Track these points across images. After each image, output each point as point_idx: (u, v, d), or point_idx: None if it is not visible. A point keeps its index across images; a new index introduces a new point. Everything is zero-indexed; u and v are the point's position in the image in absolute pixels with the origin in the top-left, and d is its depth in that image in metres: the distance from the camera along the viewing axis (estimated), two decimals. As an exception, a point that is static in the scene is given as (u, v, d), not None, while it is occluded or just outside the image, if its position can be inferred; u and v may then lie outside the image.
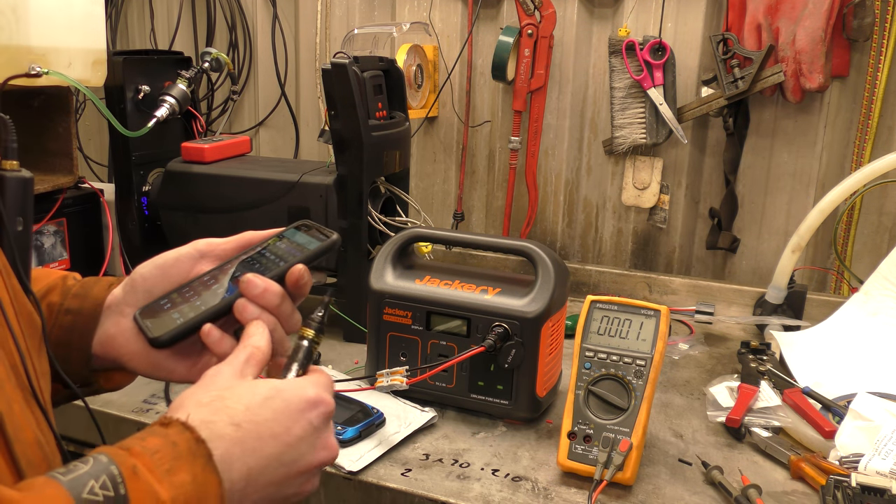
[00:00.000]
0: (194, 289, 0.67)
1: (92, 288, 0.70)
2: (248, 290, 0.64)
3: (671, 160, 1.68)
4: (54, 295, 0.69)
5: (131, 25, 2.19)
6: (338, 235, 0.70)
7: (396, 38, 1.77)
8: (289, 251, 0.68)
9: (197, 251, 0.70)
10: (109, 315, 0.69)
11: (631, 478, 0.89)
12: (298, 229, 0.72)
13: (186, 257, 0.70)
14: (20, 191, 0.61)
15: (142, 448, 0.50)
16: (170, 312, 0.65)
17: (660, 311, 0.95)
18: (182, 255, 0.70)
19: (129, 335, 0.67)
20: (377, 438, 0.98)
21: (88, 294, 0.69)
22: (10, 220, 0.60)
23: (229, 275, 0.67)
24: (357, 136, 1.25)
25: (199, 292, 0.66)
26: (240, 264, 0.68)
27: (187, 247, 0.71)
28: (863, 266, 1.52)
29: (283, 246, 0.69)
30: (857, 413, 0.96)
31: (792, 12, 1.49)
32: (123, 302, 0.69)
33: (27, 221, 0.62)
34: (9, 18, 1.16)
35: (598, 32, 1.70)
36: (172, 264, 0.69)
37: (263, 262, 0.68)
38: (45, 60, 1.20)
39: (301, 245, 0.69)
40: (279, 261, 0.67)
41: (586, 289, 1.64)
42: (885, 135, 1.52)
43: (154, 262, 0.69)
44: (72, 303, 0.69)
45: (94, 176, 2.13)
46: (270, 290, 0.64)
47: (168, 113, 1.44)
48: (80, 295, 0.69)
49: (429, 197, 1.91)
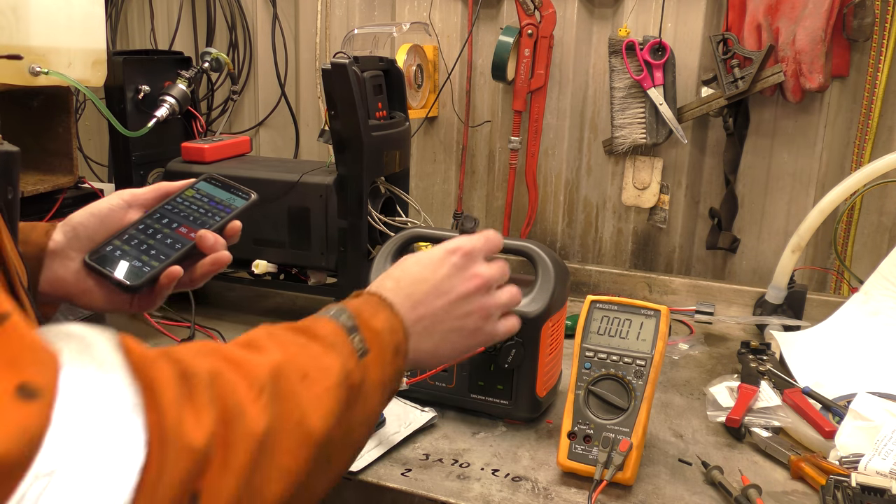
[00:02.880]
0: (137, 237, 0.79)
1: (30, 234, 0.79)
2: (202, 242, 0.80)
3: (671, 160, 1.68)
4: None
5: (131, 25, 2.19)
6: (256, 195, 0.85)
7: (396, 38, 1.77)
8: (215, 206, 0.83)
9: (124, 201, 0.82)
10: (55, 259, 0.79)
11: (631, 478, 0.89)
12: (210, 182, 0.86)
13: (117, 207, 0.81)
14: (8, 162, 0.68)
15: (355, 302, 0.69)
16: (130, 260, 0.77)
17: (660, 311, 0.95)
18: (114, 205, 0.81)
19: (80, 276, 0.78)
20: (377, 438, 0.98)
21: (29, 240, 0.78)
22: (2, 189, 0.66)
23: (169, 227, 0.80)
24: (357, 136, 1.25)
25: (147, 241, 0.79)
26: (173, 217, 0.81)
27: (113, 197, 0.82)
28: (863, 266, 1.52)
29: (205, 199, 0.84)
30: (857, 413, 0.96)
31: (792, 12, 1.49)
32: (68, 247, 0.79)
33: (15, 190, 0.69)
34: (9, 18, 1.16)
35: (598, 32, 1.70)
36: (107, 214, 0.81)
37: (196, 214, 0.82)
38: (45, 60, 1.20)
39: (225, 201, 0.84)
40: (213, 215, 0.82)
41: (586, 289, 1.64)
42: (885, 135, 1.52)
43: (90, 212, 0.81)
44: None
45: (94, 176, 2.12)
46: (219, 241, 0.81)
47: (168, 113, 1.44)
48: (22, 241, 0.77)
49: (429, 197, 1.91)
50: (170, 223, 0.81)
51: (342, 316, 0.66)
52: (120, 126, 1.34)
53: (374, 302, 0.70)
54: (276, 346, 0.58)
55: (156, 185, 0.85)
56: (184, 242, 0.79)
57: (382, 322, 0.68)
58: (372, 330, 0.66)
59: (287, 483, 0.52)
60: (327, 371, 0.59)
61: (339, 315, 0.66)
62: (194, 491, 0.45)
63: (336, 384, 0.59)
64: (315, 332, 0.62)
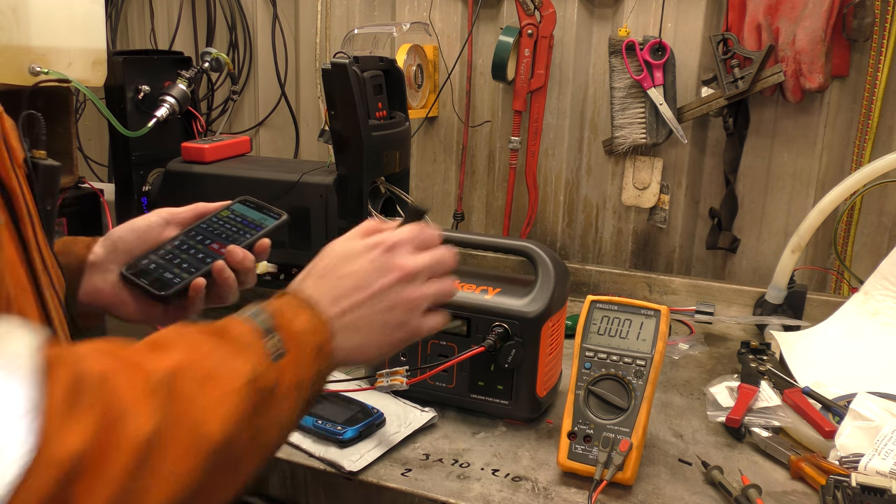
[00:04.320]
0: (172, 252, 0.84)
1: (72, 247, 0.84)
2: (231, 257, 0.83)
3: (671, 160, 1.68)
4: None
5: (131, 25, 2.19)
6: (287, 215, 0.89)
7: (396, 38, 1.77)
8: (247, 224, 0.87)
9: (162, 219, 0.87)
10: (95, 271, 0.83)
11: (631, 478, 0.89)
12: (244, 204, 0.91)
13: (156, 224, 0.86)
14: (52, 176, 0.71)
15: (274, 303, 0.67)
16: (163, 273, 0.81)
17: (660, 311, 0.95)
18: (152, 222, 0.86)
19: (117, 288, 0.83)
20: (377, 438, 0.98)
21: (70, 252, 0.83)
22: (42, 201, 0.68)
23: (202, 244, 0.85)
24: (357, 136, 1.25)
25: (180, 256, 0.83)
26: (206, 235, 0.86)
27: (153, 215, 0.87)
28: (863, 266, 1.52)
29: (238, 219, 0.88)
30: (857, 413, 0.96)
31: (792, 12, 1.49)
32: (107, 260, 0.83)
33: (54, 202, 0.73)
34: (9, 18, 1.16)
35: (598, 32, 1.70)
36: (146, 230, 0.85)
37: (228, 232, 0.86)
38: (45, 60, 1.20)
39: (256, 221, 0.88)
40: (244, 233, 0.86)
41: (586, 289, 1.64)
42: (885, 135, 1.51)
43: (130, 228, 0.85)
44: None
45: (94, 176, 2.13)
46: (248, 257, 0.84)
47: (168, 113, 1.44)
48: (64, 252, 0.82)
49: (429, 197, 1.91)
50: (203, 240, 0.85)
51: (260, 317, 0.64)
52: (120, 126, 1.34)
53: (295, 303, 0.69)
54: (182, 347, 0.58)
55: (194, 206, 0.89)
56: (214, 257, 0.83)
57: (304, 323, 0.66)
58: (291, 331, 0.65)
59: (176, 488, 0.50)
60: (234, 373, 0.58)
61: (257, 316, 0.65)
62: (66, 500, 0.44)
63: (241, 387, 0.57)
64: (228, 333, 0.61)
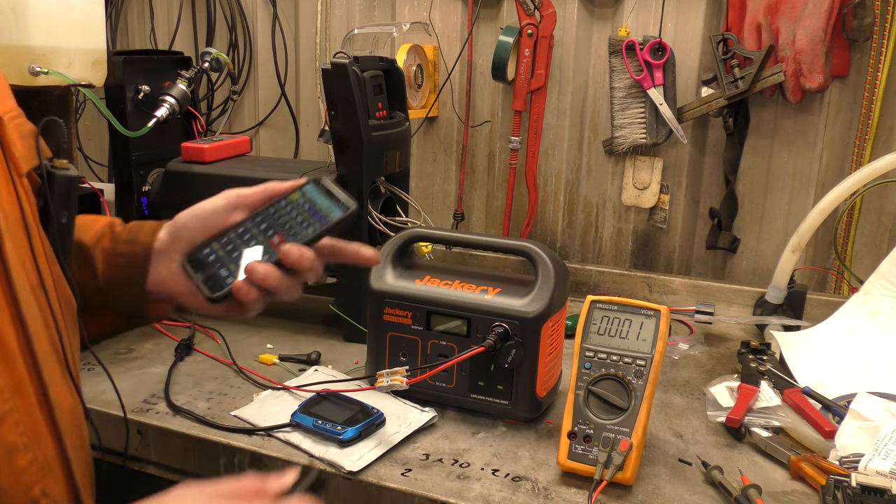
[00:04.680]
0: (233, 242, 0.78)
1: (138, 234, 0.81)
2: (286, 258, 0.75)
3: (671, 160, 1.68)
4: (106, 241, 0.81)
5: (131, 25, 2.19)
6: (356, 205, 0.77)
7: (396, 38, 1.77)
8: (313, 214, 0.78)
9: (229, 203, 0.80)
10: (160, 259, 0.80)
11: (631, 478, 0.89)
12: (316, 186, 0.80)
13: (222, 209, 0.80)
14: (67, 187, 0.68)
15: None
16: (218, 269, 0.76)
17: (660, 311, 0.95)
18: (218, 206, 0.80)
19: (180, 277, 0.79)
20: (377, 438, 0.98)
21: (136, 240, 0.80)
22: (56, 212, 0.66)
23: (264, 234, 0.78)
24: (357, 136, 1.25)
25: (239, 248, 0.77)
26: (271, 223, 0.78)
27: (219, 198, 0.80)
28: (863, 266, 1.52)
29: (306, 206, 0.79)
30: (857, 413, 0.96)
31: (792, 12, 1.49)
32: (171, 248, 0.80)
33: (71, 214, 0.69)
34: (9, 18, 1.16)
35: (598, 32, 1.70)
36: (210, 215, 0.80)
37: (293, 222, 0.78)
38: (45, 60, 1.20)
39: (323, 211, 0.78)
40: (307, 225, 0.77)
41: (586, 289, 1.64)
42: (885, 135, 1.52)
43: (194, 213, 0.80)
44: (123, 248, 0.80)
45: (94, 176, 2.13)
46: (305, 255, 0.75)
47: (168, 113, 1.44)
48: (130, 241, 0.80)
49: (429, 197, 1.91)
50: (266, 230, 0.78)
51: None
52: (120, 126, 1.34)
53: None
54: None
55: (264, 186, 0.81)
56: (271, 254, 0.76)
57: None
58: None
59: None
60: None
61: None
62: None
63: None
64: None
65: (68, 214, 0.68)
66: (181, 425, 1.03)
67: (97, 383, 1.07)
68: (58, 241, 0.67)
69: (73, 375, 0.69)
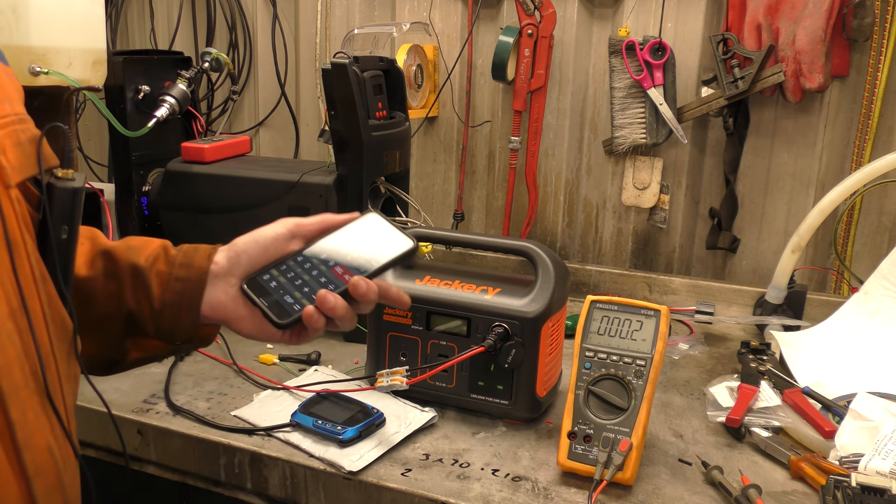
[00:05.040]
0: (293, 270, 0.78)
1: (194, 258, 0.80)
2: (355, 290, 0.76)
3: (671, 160, 1.68)
4: (161, 264, 0.79)
5: (131, 25, 2.19)
6: (416, 242, 0.81)
7: (396, 38, 1.77)
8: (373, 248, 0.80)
9: (288, 230, 0.81)
10: (216, 283, 0.78)
11: (631, 478, 0.89)
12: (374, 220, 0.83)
13: (282, 237, 0.80)
14: (69, 200, 0.62)
15: None
16: (283, 296, 0.76)
17: (660, 311, 0.95)
18: (278, 235, 0.80)
19: (238, 302, 0.78)
20: (377, 438, 0.99)
21: (193, 263, 0.79)
22: (55, 228, 0.61)
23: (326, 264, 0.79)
24: (357, 136, 1.25)
25: (301, 276, 0.78)
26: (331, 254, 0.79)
27: (278, 225, 0.81)
28: (863, 266, 1.52)
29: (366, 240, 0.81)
30: (857, 413, 0.96)
31: (792, 12, 1.49)
32: (229, 273, 0.79)
33: (72, 229, 0.64)
34: (9, 18, 1.16)
35: (598, 32, 1.70)
36: (271, 242, 0.80)
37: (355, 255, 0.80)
38: (45, 60, 1.20)
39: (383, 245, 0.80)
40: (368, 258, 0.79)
41: (586, 289, 1.64)
42: (885, 135, 1.52)
43: (254, 239, 0.80)
44: (179, 271, 0.78)
45: (94, 176, 2.13)
46: (371, 289, 0.77)
47: (168, 113, 1.44)
48: (186, 264, 0.79)
49: (429, 197, 1.91)
50: (327, 260, 0.79)
51: None
52: (120, 126, 1.34)
53: None
54: None
55: (321, 217, 0.82)
56: (337, 284, 0.77)
57: None
58: None
59: None
60: None
61: None
62: None
63: None
64: None
65: (69, 229, 0.63)
66: (181, 425, 1.03)
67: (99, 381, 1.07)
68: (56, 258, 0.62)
69: (56, 409, 0.61)
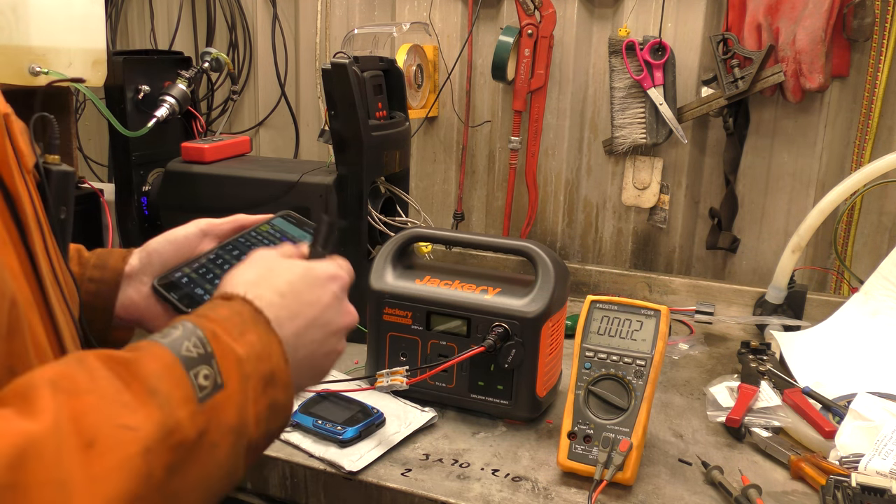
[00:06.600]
0: (205, 266, 0.80)
1: (108, 259, 0.81)
2: None
3: (671, 160, 1.68)
4: (73, 265, 0.79)
5: (131, 25, 2.19)
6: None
7: (396, 38, 1.77)
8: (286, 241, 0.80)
9: (200, 230, 0.82)
10: (130, 283, 0.80)
11: (631, 478, 0.89)
12: (286, 219, 0.85)
13: (194, 236, 0.82)
14: (64, 182, 0.67)
15: (216, 315, 0.58)
16: (193, 288, 0.77)
17: (660, 311, 0.95)
18: (190, 233, 0.82)
19: (150, 301, 0.79)
20: (377, 438, 0.99)
21: (107, 265, 0.80)
22: (55, 208, 0.65)
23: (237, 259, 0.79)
24: (357, 136, 1.25)
25: (213, 270, 0.79)
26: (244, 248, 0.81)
27: (191, 226, 0.82)
28: (863, 266, 1.52)
29: (277, 235, 0.83)
30: (857, 413, 0.96)
31: (792, 12, 1.49)
32: (142, 272, 0.80)
33: (69, 210, 0.68)
34: (9, 18, 1.16)
35: (598, 32, 1.70)
36: (183, 241, 0.81)
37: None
38: (45, 60, 1.20)
39: (297, 238, 0.82)
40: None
41: (586, 289, 1.64)
42: (885, 135, 1.52)
43: (166, 238, 0.81)
44: (93, 273, 0.79)
45: (94, 176, 2.13)
46: None
47: (168, 113, 1.44)
48: (100, 266, 0.80)
49: (429, 197, 1.91)
50: (239, 255, 0.80)
51: (187, 342, 0.53)
52: (120, 126, 1.34)
53: (244, 316, 0.59)
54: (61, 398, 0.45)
55: (233, 218, 0.84)
56: None
57: (251, 345, 0.56)
58: (232, 357, 0.54)
59: None
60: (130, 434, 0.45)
61: (183, 341, 0.53)
62: None
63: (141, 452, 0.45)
64: (136, 371, 0.49)
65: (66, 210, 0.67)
66: (181, 425, 1.03)
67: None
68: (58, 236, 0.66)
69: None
